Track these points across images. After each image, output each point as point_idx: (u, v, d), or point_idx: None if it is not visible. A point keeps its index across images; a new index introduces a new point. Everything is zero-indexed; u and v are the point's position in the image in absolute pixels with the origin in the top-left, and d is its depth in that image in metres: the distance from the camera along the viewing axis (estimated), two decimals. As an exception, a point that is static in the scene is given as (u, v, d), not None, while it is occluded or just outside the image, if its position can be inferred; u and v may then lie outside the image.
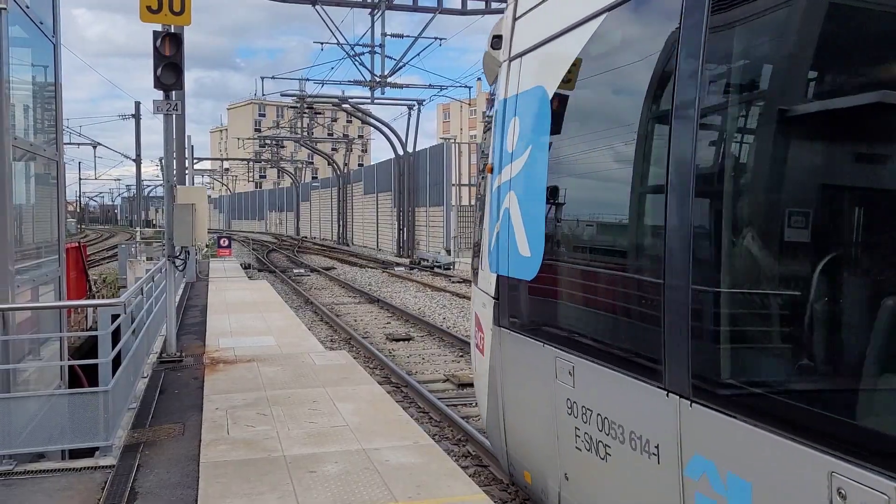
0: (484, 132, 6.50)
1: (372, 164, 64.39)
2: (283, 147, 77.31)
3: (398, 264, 35.51)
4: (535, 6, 5.15)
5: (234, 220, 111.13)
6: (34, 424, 6.20)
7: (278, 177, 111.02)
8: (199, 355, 10.85)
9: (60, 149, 8.48)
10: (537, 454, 5.09)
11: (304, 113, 52.09)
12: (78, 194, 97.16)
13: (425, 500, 5.37)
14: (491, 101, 6.24)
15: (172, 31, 10.09)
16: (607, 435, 4.08)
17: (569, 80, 4.65)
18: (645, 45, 3.91)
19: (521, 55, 5.33)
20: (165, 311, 11.13)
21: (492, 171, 5.64)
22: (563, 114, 4.78)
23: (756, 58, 3.26)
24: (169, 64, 9.94)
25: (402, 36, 31.14)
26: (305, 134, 57.69)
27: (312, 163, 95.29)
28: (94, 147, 61.91)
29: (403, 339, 15.09)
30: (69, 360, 8.55)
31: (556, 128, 4.78)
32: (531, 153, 5.02)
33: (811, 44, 3.04)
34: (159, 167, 60.90)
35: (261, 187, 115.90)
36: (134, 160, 47.11)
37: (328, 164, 63.13)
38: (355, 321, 17.77)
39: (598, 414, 4.17)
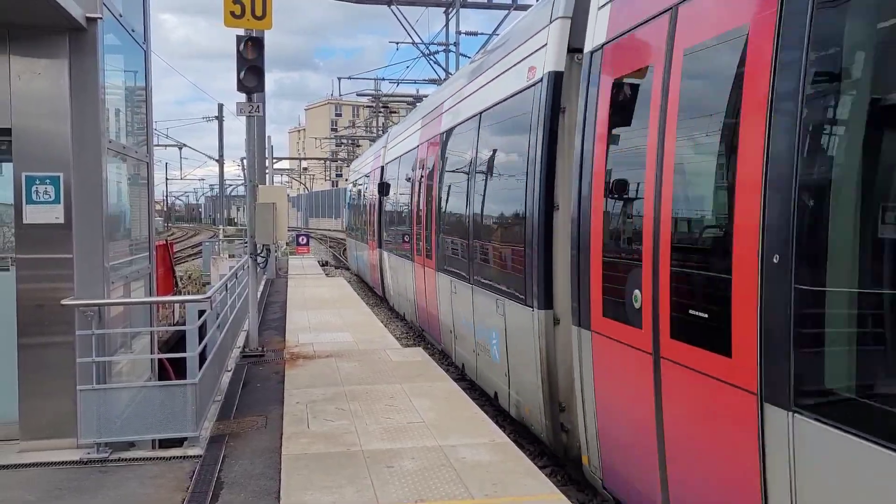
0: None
1: (446, 161, 64.36)
2: (358, 146, 78.37)
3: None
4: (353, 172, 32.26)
5: (312, 217, 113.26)
6: (127, 414, 6.48)
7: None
8: (280, 350, 11.13)
9: (150, 150, 8.82)
10: (358, 267, 28.02)
11: (380, 112, 52.71)
12: (165, 194, 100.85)
13: (502, 498, 5.37)
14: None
15: (254, 35, 10.35)
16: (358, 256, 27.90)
17: (357, 190, 28.35)
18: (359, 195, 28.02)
19: (350, 182, 33.83)
20: (248, 307, 11.47)
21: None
22: (356, 196, 29.19)
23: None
24: (251, 67, 10.21)
25: (476, 34, 31.02)
26: (380, 133, 58.37)
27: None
28: (180, 148, 64.23)
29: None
30: (158, 353, 8.91)
31: (354, 199, 29.85)
32: (348, 201, 33.26)
33: None
34: (240, 167, 62.73)
35: (337, 185, 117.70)
36: (217, 160, 48.79)
37: (403, 163, 63.58)
38: (430, 318, 17.89)
39: (357, 252, 28.11)
